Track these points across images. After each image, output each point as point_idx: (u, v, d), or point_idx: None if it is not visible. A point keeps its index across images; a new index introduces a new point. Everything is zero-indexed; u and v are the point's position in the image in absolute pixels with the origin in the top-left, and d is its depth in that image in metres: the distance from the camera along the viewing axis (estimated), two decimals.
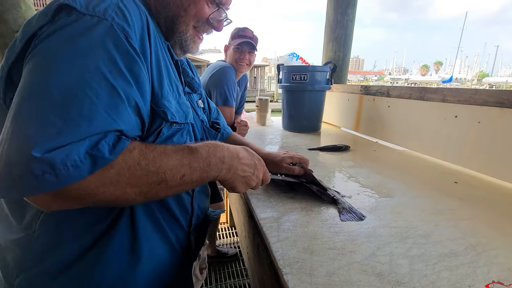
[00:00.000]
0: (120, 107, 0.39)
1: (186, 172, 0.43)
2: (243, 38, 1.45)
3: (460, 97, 0.94)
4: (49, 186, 0.32)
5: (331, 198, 0.66)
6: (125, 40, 0.40)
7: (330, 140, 1.41)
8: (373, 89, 1.39)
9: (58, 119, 0.34)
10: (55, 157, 0.32)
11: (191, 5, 0.54)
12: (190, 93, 0.67)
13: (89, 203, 0.38)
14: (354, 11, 1.85)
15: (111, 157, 0.36)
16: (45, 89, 0.35)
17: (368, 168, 0.93)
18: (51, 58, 0.37)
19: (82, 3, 0.39)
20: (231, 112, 1.41)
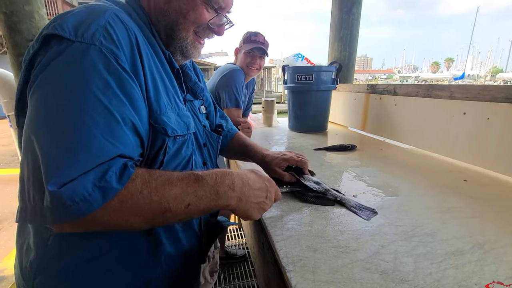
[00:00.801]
0: (117, 130, 0.40)
1: (191, 201, 0.43)
2: (255, 43, 1.47)
3: (468, 94, 0.93)
4: (61, 219, 0.35)
5: (333, 200, 0.66)
6: (114, 62, 0.41)
7: (336, 140, 1.40)
8: (380, 88, 1.38)
9: (60, 153, 0.35)
10: (63, 193, 0.34)
11: (190, 11, 0.54)
12: (191, 100, 0.66)
13: (96, 229, 0.39)
14: (359, 9, 1.84)
15: (119, 187, 0.37)
16: (46, 124, 0.36)
17: (374, 167, 0.92)
18: (48, 92, 0.38)
19: (70, 30, 0.39)
20: (239, 114, 1.43)
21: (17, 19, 1.45)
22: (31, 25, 1.48)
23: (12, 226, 2.28)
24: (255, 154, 0.80)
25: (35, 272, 0.48)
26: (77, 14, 0.42)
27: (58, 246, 0.47)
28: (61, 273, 0.47)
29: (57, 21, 0.40)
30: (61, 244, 0.46)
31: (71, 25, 0.40)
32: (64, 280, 0.47)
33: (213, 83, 1.46)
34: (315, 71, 1.43)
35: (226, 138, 0.86)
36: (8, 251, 1.95)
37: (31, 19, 1.47)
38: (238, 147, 0.85)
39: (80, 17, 0.41)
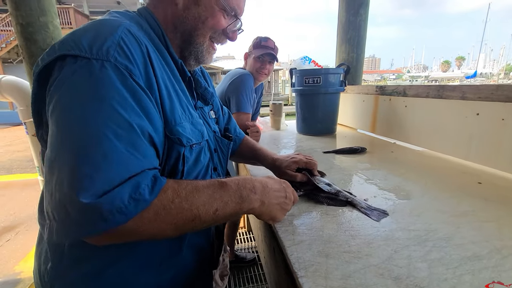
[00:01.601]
0: (139, 143, 0.41)
1: (218, 206, 0.45)
2: (265, 48, 1.49)
3: (480, 94, 0.91)
4: (98, 230, 0.36)
5: (344, 202, 0.66)
6: (129, 77, 0.42)
7: (346, 142, 1.39)
8: (389, 89, 1.36)
9: (90, 167, 0.36)
10: (101, 204, 0.35)
11: (208, 18, 0.56)
12: (202, 107, 0.67)
13: (131, 239, 0.42)
14: (367, 11, 1.83)
15: (151, 198, 0.39)
16: (70, 140, 0.38)
17: (385, 170, 0.91)
18: (69, 109, 0.39)
19: (85, 47, 0.40)
20: (248, 118, 1.44)
21: (33, 30, 1.50)
22: (46, 35, 1.53)
23: (28, 230, 2.35)
24: (264, 158, 0.82)
25: (52, 280, 0.49)
26: (90, 31, 0.43)
27: (74, 253, 0.48)
28: (79, 280, 0.48)
29: (71, 39, 0.42)
30: (78, 251, 0.48)
31: (86, 43, 0.41)
32: (82, 287, 0.48)
33: (223, 87, 1.48)
34: (323, 74, 1.43)
35: (235, 143, 0.87)
36: (24, 254, 2.01)
37: (46, 29, 1.52)
38: (247, 151, 0.87)
39: (93, 34, 0.42)
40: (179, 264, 0.55)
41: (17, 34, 1.52)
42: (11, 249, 2.09)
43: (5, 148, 5.94)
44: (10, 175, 4.07)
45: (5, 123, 9.46)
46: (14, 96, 1.66)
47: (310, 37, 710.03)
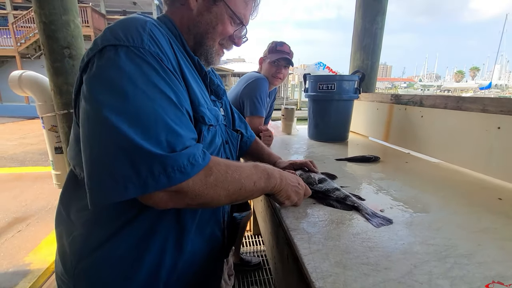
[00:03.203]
0: (183, 118, 0.49)
1: (256, 179, 0.56)
2: (280, 53, 1.49)
3: (503, 107, 0.88)
4: (161, 184, 0.42)
5: (350, 206, 0.68)
6: (161, 62, 0.48)
7: (358, 150, 1.38)
8: (405, 98, 1.34)
9: (158, 130, 0.44)
10: (167, 159, 0.43)
11: (219, 24, 0.62)
12: (215, 100, 0.73)
13: (197, 202, 0.49)
14: (384, 18, 1.82)
15: (204, 163, 0.48)
16: (123, 109, 0.43)
17: (400, 181, 0.90)
18: (124, 84, 0.44)
19: (123, 38, 0.46)
20: (261, 122, 1.45)
21: (55, 28, 1.55)
22: (67, 33, 1.57)
23: (39, 222, 2.40)
24: (268, 162, 0.90)
25: (78, 259, 0.54)
26: (124, 25, 0.49)
27: (97, 233, 0.53)
28: (101, 259, 0.53)
29: (110, 33, 0.48)
30: (100, 231, 0.53)
31: (123, 34, 0.47)
32: (107, 265, 0.53)
33: (238, 90, 1.49)
34: (337, 80, 1.42)
35: (246, 144, 0.96)
36: (34, 245, 2.05)
37: (67, 27, 1.57)
38: (255, 153, 0.97)
39: (128, 27, 0.48)
40: (192, 252, 0.60)
41: (39, 32, 1.57)
42: (22, 240, 2.14)
43: (20, 141, 6.10)
44: (23, 167, 4.18)
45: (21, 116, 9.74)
46: (33, 91, 1.71)
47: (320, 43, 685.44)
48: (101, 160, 0.42)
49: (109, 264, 0.53)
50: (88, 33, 11.01)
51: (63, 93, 1.62)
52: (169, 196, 0.46)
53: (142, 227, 0.54)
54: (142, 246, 0.54)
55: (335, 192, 0.72)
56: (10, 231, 2.26)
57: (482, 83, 43.96)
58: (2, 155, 4.92)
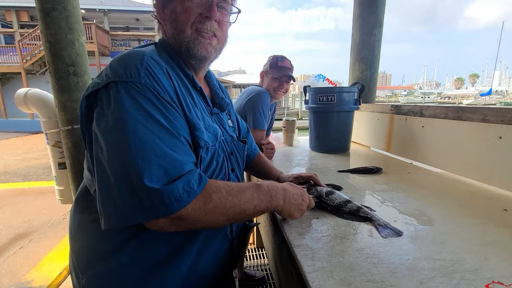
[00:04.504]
0: (180, 144, 0.52)
1: (257, 203, 0.57)
2: (282, 68, 1.52)
3: (503, 117, 0.89)
4: (160, 213, 0.46)
5: (364, 218, 0.69)
6: (157, 95, 0.52)
7: (360, 161, 1.38)
8: (405, 109, 1.35)
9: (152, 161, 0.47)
10: (165, 191, 0.46)
11: (178, 13, 0.61)
12: (218, 113, 0.74)
13: (196, 227, 0.52)
14: (380, 31, 1.85)
15: (199, 190, 0.50)
16: (128, 141, 0.47)
17: (403, 192, 0.89)
18: (121, 118, 0.48)
19: (122, 74, 0.51)
20: (263, 135, 1.46)
21: (60, 46, 1.59)
22: (72, 52, 1.61)
23: (41, 238, 2.38)
24: (271, 177, 0.93)
25: (84, 270, 0.59)
26: (124, 61, 0.53)
27: (110, 244, 0.56)
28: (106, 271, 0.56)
29: (112, 70, 0.53)
30: (112, 241, 0.56)
31: (122, 71, 0.52)
32: (117, 274, 0.56)
33: (240, 103, 1.51)
34: (337, 92, 1.44)
35: (249, 157, 0.97)
36: (36, 262, 2.03)
37: (72, 46, 1.61)
38: (257, 167, 0.98)
39: (127, 63, 0.53)
40: (205, 267, 0.62)
41: (45, 50, 1.61)
42: (24, 256, 2.12)
43: (23, 156, 6.15)
44: (25, 182, 4.19)
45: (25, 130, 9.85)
46: (38, 108, 1.74)
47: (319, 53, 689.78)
48: (110, 191, 0.48)
49: (115, 277, 0.56)
50: (92, 49, 11.27)
51: (68, 109, 1.65)
52: (170, 222, 0.49)
53: (144, 241, 0.56)
54: (145, 261, 0.56)
55: (348, 204, 0.73)
56: (12, 248, 2.24)
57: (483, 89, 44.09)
58: (6, 170, 4.95)
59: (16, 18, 12.47)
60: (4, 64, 11.48)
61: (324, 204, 0.75)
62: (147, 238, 0.55)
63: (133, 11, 13.86)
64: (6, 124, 10.30)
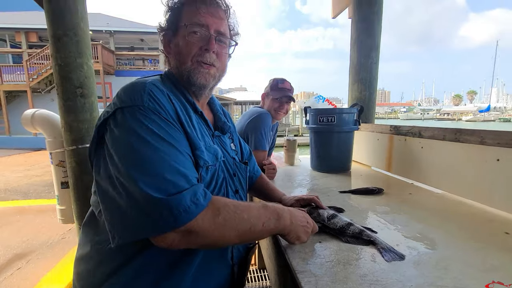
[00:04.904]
0: (185, 160, 0.55)
1: (265, 220, 0.58)
2: (282, 91, 1.57)
3: (500, 140, 0.91)
4: (169, 226, 0.47)
5: (367, 241, 0.69)
6: (160, 115, 0.56)
7: (361, 181, 1.39)
8: (404, 129, 1.38)
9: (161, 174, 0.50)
10: (171, 201, 0.47)
11: (181, 46, 0.67)
12: (219, 135, 0.77)
13: (206, 243, 0.52)
14: (378, 54, 1.92)
15: (205, 202, 0.51)
16: (133, 156, 0.51)
17: (405, 214, 0.90)
18: (130, 140, 0.52)
19: (127, 100, 0.56)
20: (264, 156, 1.49)
21: (69, 69, 1.65)
22: (80, 75, 1.67)
23: (40, 259, 2.34)
24: (273, 199, 0.95)
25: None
26: (129, 90, 0.58)
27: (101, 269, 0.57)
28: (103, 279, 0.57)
29: (119, 98, 0.57)
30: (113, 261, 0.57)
31: (127, 98, 0.57)
32: None
33: (242, 125, 1.54)
34: (337, 113, 1.47)
35: (251, 179, 0.98)
36: (33, 284, 1.99)
37: (81, 69, 1.67)
38: (260, 189, 0.99)
39: (132, 91, 0.58)
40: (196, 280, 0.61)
41: (54, 73, 1.67)
42: (21, 278, 2.07)
43: (24, 173, 6.15)
44: (25, 200, 4.17)
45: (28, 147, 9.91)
46: (44, 128, 1.78)
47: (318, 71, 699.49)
48: (118, 207, 0.49)
49: None
50: (97, 68, 11.57)
51: (73, 129, 1.69)
52: (181, 237, 0.49)
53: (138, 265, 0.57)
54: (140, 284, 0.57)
55: (350, 227, 0.73)
56: (9, 269, 2.20)
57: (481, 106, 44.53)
58: (6, 187, 4.93)
59: (25, 39, 12.92)
60: (11, 82, 11.75)
61: (327, 228, 0.75)
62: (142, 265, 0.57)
63: (138, 32, 14.36)
64: (9, 141, 10.38)
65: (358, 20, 1.91)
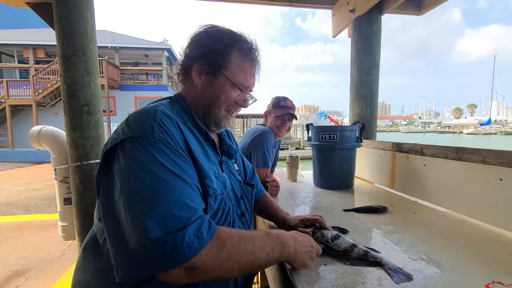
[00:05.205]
0: (192, 192, 0.54)
1: (269, 250, 0.57)
2: (284, 108, 1.61)
3: (501, 159, 0.92)
4: (174, 262, 0.46)
5: (374, 262, 0.69)
6: (169, 146, 0.56)
7: (364, 198, 1.38)
8: (406, 147, 1.39)
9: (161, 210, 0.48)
10: (176, 238, 0.46)
11: (221, 94, 0.71)
12: (226, 161, 0.78)
13: (210, 277, 0.50)
14: (377, 71, 1.96)
15: (208, 237, 0.50)
16: (141, 193, 0.50)
17: (410, 234, 0.89)
18: (136, 173, 0.52)
19: (137, 130, 0.55)
20: (267, 173, 1.49)
21: (77, 88, 1.69)
22: (87, 93, 1.71)
23: (38, 276, 2.31)
24: (277, 218, 0.95)
25: None
26: (139, 118, 0.58)
27: None
28: None
29: (128, 127, 0.57)
30: None
31: (137, 127, 0.56)
32: None
33: (245, 142, 1.56)
34: (339, 131, 1.49)
35: (255, 198, 0.97)
36: None
37: (88, 87, 1.71)
38: (263, 208, 0.99)
39: (141, 120, 0.57)
40: None
41: (62, 92, 1.71)
42: None
43: (26, 186, 6.15)
44: (25, 215, 4.14)
45: (30, 161, 9.95)
46: (50, 145, 1.81)
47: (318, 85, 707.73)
48: (123, 242, 0.49)
49: None
50: (102, 82, 11.80)
51: (78, 146, 1.71)
52: (184, 273, 0.48)
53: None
54: None
55: (354, 249, 0.72)
56: (7, 287, 2.16)
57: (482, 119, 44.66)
58: (7, 201, 4.92)
59: (32, 55, 13.26)
60: (17, 97, 11.96)
61: (330, 250, 0.75)
62: None
63: (143, 48, 14.74)
64: (12, 155, 10.45)
65: (358, 40, 1.97)
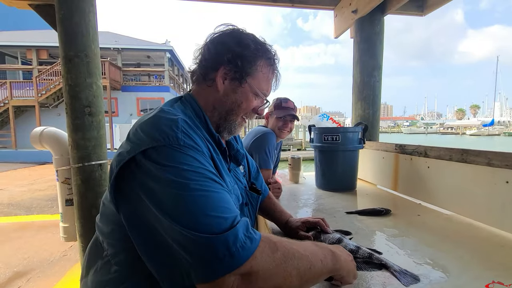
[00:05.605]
0: (225, 196, 0.51)
1: (322, 257, 0.51)
2: (286, 109, 1.60)
3: (508, 162, 0.90)
4: (228, 266, 0.41)
5: (379, 265, 0.68)
6: (197, 151, 0.52)
7: (367, 200, 1.37)
8: (409, 149, 1.37)
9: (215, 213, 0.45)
10: (228, 237, 0.42)
11: (243, 101, 0.68)
12: (234, 168, 0.75)
13: (268, 285, 0.44)
14: (380, 73, 1.95)
15: (258, 238, 0.46)
16: (179, 199, 0.46)
17: (415, 238, 0.88)
18: (171, 182, 0.47)
19: (160, 138, 0.50)
20: (269, 174, 1.49)
21: (79, 89, 1.69)
22: (89, 94, 1.71)
23: (40, 277, 2.31)
24: (279, 220, 0.93)
25: None
26: (158, 125, 0.53)
27: None
28: None
29: (146, 136, 0.51)
30: None
31: (159, 135, 0.51)
32: None
33: (246, 144, 1.55)
34: (341, 132, 1.48)
35: None
36: None
37: (90, 89, 1.71)
38: (266, 209, 0.97)
39: (162, 128, 0.52)
40: None
41: (64, 93, 1.72)
42: None
43: (28, 187, 6.17)
44: (27, 216, 4.16)
45: (33, 161, 10.00)
46: (51, 146, 1.81)
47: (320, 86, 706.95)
48: (162, 259, 0.47)
49: None
50: (104, 83, 11.83)
51: (80, 147, 1.71)
52: (240, 281, 0.42)
53: None
54: None
55: (359, 252, 0.71)
56: None
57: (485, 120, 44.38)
58: (10, 202, 4.94)
59: (36, 56, 13.35)
60: (20, 98, 12.04)
61: None
62: None
63: (145, 50, 14.79)
64: (15, 155, 10.51)
65: (360, 41, 1.96)
